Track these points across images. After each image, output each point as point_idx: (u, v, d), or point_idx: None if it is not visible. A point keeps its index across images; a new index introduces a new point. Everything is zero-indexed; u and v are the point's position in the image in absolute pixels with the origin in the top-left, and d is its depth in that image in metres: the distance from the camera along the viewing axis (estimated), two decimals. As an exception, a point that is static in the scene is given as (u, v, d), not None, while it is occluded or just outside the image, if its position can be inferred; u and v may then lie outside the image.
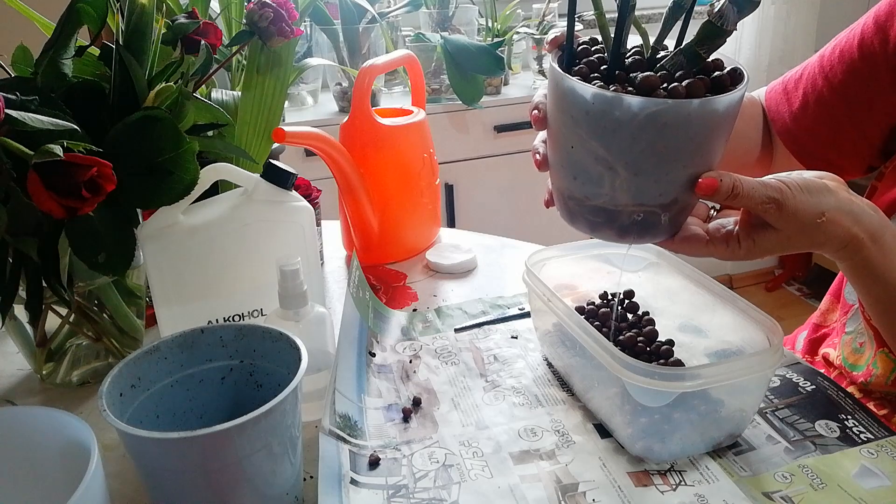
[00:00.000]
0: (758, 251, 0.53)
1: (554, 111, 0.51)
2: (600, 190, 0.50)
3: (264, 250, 0.65)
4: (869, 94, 0.69)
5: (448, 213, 1.84)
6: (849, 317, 0.74)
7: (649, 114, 0.45)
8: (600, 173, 0.49)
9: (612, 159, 0.48)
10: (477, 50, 1.66)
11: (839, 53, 0.71)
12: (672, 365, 0.61)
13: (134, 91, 0.58)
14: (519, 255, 0.93)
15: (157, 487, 0.46)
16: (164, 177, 0.56)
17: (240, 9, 0.83)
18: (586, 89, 0.47)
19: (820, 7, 2.26)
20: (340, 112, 1.72)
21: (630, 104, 0.45)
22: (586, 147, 0.49)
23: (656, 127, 0.46)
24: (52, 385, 0.69)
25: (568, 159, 0.51)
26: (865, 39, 0.69)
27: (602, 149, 0.48)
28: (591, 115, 0.47)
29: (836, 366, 0.74)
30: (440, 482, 0.54)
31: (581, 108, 0.48)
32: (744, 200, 0.50)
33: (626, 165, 0.48)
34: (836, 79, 0.71)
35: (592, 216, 0.52)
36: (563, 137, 0.51)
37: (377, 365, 0.70)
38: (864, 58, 0.69)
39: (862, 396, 0.70)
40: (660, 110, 0.45)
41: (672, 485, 0.53)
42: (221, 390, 0.55)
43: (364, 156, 0.87)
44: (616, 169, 0.48)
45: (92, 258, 0.56)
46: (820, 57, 0.73)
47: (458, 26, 1.82)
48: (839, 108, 0.71)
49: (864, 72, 0.69)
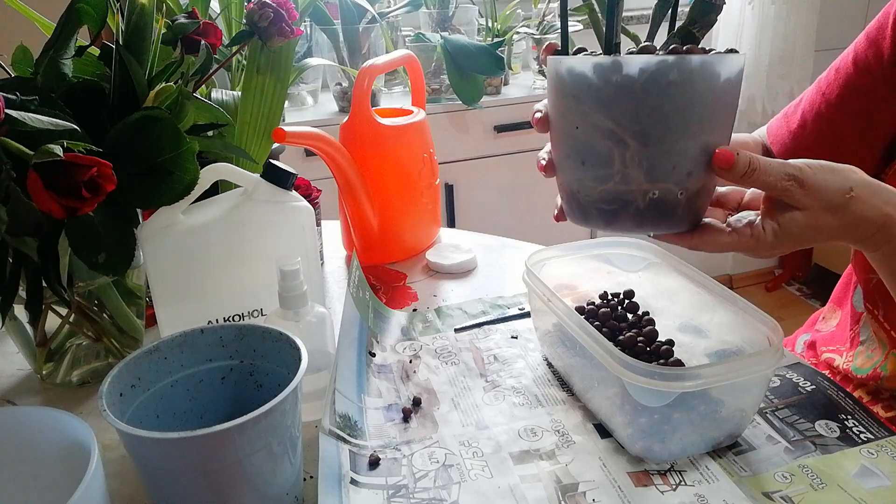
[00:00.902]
0: (785, 237, 0.49)
1: (556, 100, 0.51)
2: (611, 170, 0.48)
3: (264, 250, 0.65)
4: (868, 105, 0.70)
5: (448, 213, 1.84)
6: (861, 326, 0.74)
7: (652, 73, 0.45)
8: (609, 151, 0.48)
9: (620, 130, 0.47)
10: (477, 50, 1.66)
11: (835, 73, 0.72)
12: (672, 365, 0.61)
13: (134, 91, 0.58)
14: (519, 255, 0.94)
15: (157, 487, 0.46)
16: (164, 177, 0.56)
17: (240, 9, 0.83)
18: (586, 62, 0.47)
19: (820, 7, 2.26)
20: (340, 112, 1.72)
21: (631, 65, 0.45)
22: (592, 123, 0.48)
23: (660, 87, 0.45)
24: (52, 385, 0.69)
25: (574, 145, 0.50)
26: (859, 55, 0.69)
27: (609, 120, 0.47)
28: (593, 88, 0.47)
29: (842, 370, 0.74)
30: (440, 482, 0.54)
31: (582, 83, 0.47)
32: (762, 177, 0.47)
33: (634, 135, 0.47)
34: (834, 94, 0.71)
35: (605, 204, 0.50)
36: (568, 122, 0.50)
37: (377, 365, 0.70)
38: (859, 72, 0.69)
39: (870, 400, 0.70)
40: (662, 68, 0.45)
41: (672, 485, 0.53)
42: (221, 390, 0.55)
43: (364, 156, 0.87)
44: (625, 141, 0.47)
45: (92, 258, 0.56)
46: (817, 83, 0.75)
47: (458, 26, 1.82)
48: (838, 121, 0.71)
49: (861, 85, 0.69)
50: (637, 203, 0.49)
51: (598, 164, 0.49)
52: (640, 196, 0.49)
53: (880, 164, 0.72)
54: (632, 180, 0.48)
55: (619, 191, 0.49)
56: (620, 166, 0.48)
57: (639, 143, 0.47)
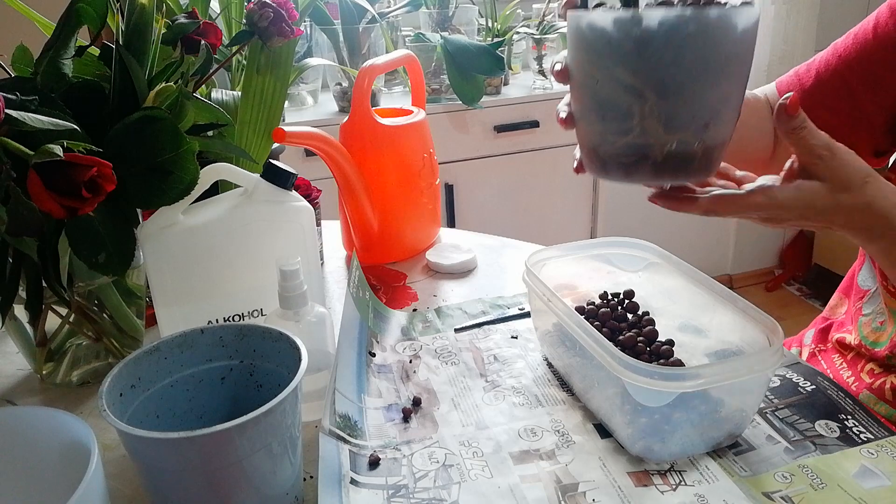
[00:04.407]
0: (799, 201, 0.51)
1: (576, 54, 0.51)
2: (630, 123, 0.49)
3: (264, 250, 0.65)
4: (883, 71, 0.70)
5: (448, 213, 1.84)
6: (864, 301, 0.75)
7: (671, 26, 0.45)
8: (629, 104, 0.48)
9: (640, 84, 0.48)
10: (477, 50, 1.66)
11: (853, 38, 0.73)
12: (672, 365, 0.61)
13: (134, 91, 0.58)
14: (519, 255, 0.94)
15: (157, 487, 0.46)
16: (164, 177, 0.56)
17: (240, 9, 0.83)
18: (606, 16, 0.47)
19: (820, 7, 2.26)
20: (340, 112, 1.72)
21: (651, 19, 0.46)
22: (612, 77, 0.48)
23: (679, 39, 0.46)
24: (52, 385, 0.69)
25: (594, 99, 0.51)
26: (880, 23, 0.71)
27: (629, 74, 0.48)
28: (613, 42, 0.47)
29: (855, 346, 0.75)
30: (440, 482, 0.54)
31: (603, 37, 0.48)
32: (808, 137, 0.50)
33: (654, 88, 0.47)
34: (851, 58, 0.72)
35: (625, 157, 0.51)
36: (588, 76, 0.50)
37: (377, 365, 0.70)
38: (878, 38, 0.70)
39: (882, 371, 0.71)
40: (680, 21, 0.45)
41: (672, 485, 0.53)
42: (221, 390, 0.55)
43: (364, 156, 0.87)
44: (645, 94, 0.48)
45: (92, 258, 0.56)
46: (833, 46, 0.75)
47: (458, 26, 1.82)
48: (853, 82, 0.72)
49: (878, 52, 0.71)
50: (655, 155, 0.50)
51: (618, 118, 0.50)
52: (658, 148, 0.49)
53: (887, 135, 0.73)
54: (650, 133, 0.49)
55: (639, 143, 0.50)
56: (640, 119, 0.49)
57: (658, 95, 0.48)
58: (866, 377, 0.72)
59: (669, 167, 0.50)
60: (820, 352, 0.80)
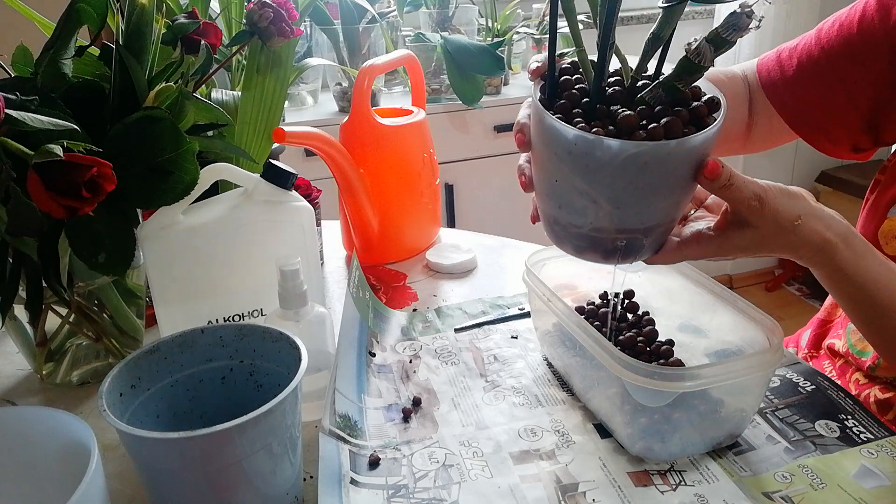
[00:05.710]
0: (728, 247, 0.54)
1: (538, 143, 0.52)
2: (584, 220, 0.52)
3: (264, 250, 0.65)
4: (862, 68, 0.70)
5: (448, 213, 1.84)
6: None
7: (629, 155, 0.46)
8: (584, 206, 0.51)
9: (596, 195, 0.49)
10: (477, 50, 1.66)
11: (838, 27, 0.72)
12: (672, 365, 0.61)
13: (134, 91, 0.58)
14: (519, 255, 0.94)
15: (157, 487, 0.46)
16: (164, 177, 0.56)
17: (240, 9, 0.83)
18: (568, 130, 0.48)
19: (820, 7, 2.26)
20: (340, 112, 1.72)
21: (611, 146, 0.47)
22: (570, 182, 0.50)
23: (637, 166, 0.47)
24: (52, 385, 0.69)
25: (553, 190, 0.53)
26: (867, 15, 0.70)
27: (585, 185, 0.49)
28: (573, 155, 0.48)
29: (843, 353, 0.74)
30: (440, 482, 0.54)
31: (564, 147, 0.49)
32: (735, 192, 0.51)
33: (609, 200, 0.49)
34: (833, 50, 0.72)
35: (577, 241, 0.54)
36: (548, 171, 0.52)
37: (377, 365, 0.70)
38: (862, 32, 0.70)
39: (867, 382, 0.71)
40: (640, 151, 0.46)
41: (672, 485, 0.53)
42: (221, 390, 0.55)
43: (364, 156, 0.87)
44: (599, 203, 0.50)
45: (92, 258, 0.56)
46: (818, 30, 0.75)
47: (458, 26, 1.82)
48: (832, 76, 0.72)
49: (860, 46, 0.70)
50: (606, 246, 0.53)
51: (573, 213, 0.52)
52: (609, 242, 0.52)
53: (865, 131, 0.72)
54: (603, 230, 0.52)
55: (591, 236, 0.52)
56: (594, 219, 0.51)
57: (612, 206, 0.50)
58: (853, 387, 0.72)
59: (619, 254, 0.53)
60: (811, 358, 0.80)
